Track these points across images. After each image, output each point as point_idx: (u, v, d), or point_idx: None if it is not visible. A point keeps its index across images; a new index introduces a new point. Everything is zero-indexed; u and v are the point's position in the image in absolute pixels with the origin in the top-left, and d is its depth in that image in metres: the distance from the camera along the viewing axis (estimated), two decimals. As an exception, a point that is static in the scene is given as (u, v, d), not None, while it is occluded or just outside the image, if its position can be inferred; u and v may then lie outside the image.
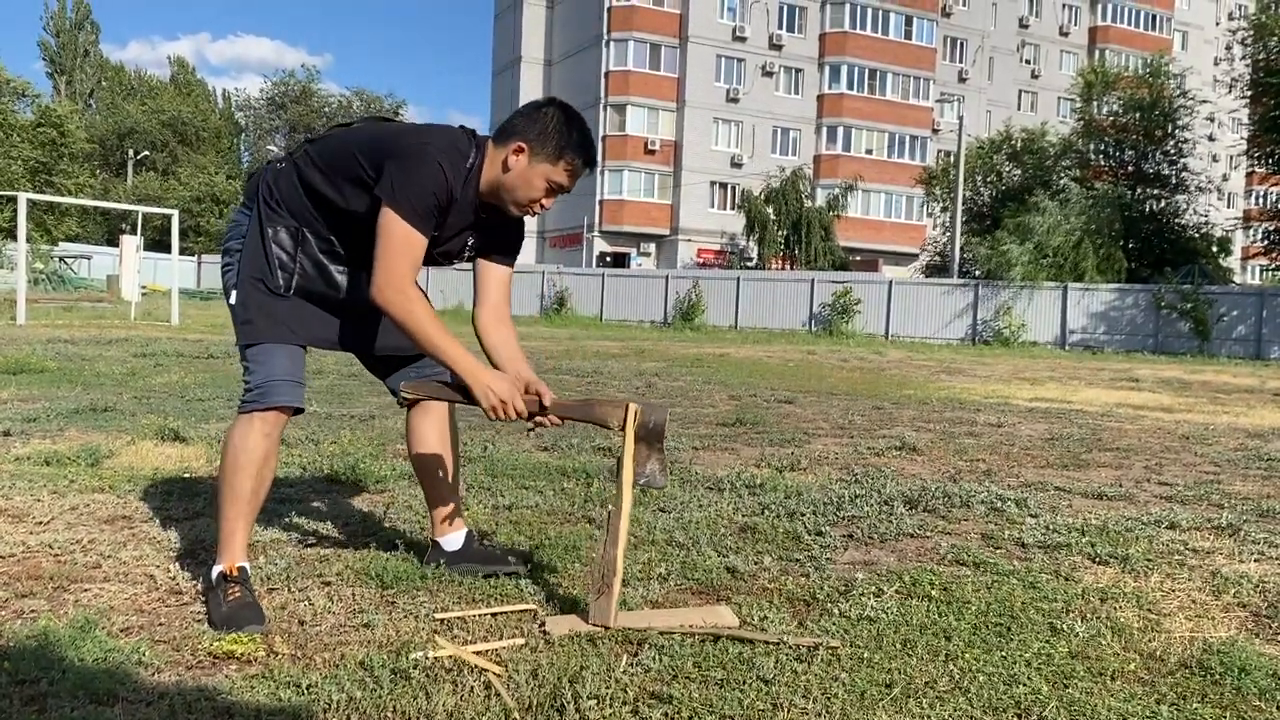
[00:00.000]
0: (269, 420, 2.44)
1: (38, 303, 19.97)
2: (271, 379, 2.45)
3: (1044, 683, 2.11)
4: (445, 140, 2.44)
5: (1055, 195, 29.30)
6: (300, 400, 2.50)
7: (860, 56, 47.06)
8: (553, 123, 2.43)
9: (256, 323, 2.48)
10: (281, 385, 2.45)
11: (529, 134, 2.43)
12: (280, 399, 2.44)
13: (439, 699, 1.89)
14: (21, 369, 7.71)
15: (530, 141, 2.42)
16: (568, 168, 2.44)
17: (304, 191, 2.51)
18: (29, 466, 3.97)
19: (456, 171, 2.42)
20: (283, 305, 2.49)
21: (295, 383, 2.48)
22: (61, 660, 1.99)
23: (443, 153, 2.41)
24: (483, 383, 2.40)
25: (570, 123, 2.44)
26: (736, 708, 1.91)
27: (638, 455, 2.45)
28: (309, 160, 2.51)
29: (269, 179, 2.56)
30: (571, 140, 2.43)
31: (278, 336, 2.48)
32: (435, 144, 2.41)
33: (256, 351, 2.47)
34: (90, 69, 63.35)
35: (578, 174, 2.47)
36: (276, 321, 2.48)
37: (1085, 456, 5.61)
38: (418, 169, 2.37)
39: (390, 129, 2.52)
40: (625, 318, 31.75)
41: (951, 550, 3.23)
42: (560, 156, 2.43)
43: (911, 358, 17.56)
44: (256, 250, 2.52)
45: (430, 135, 2.45)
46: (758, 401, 8.07)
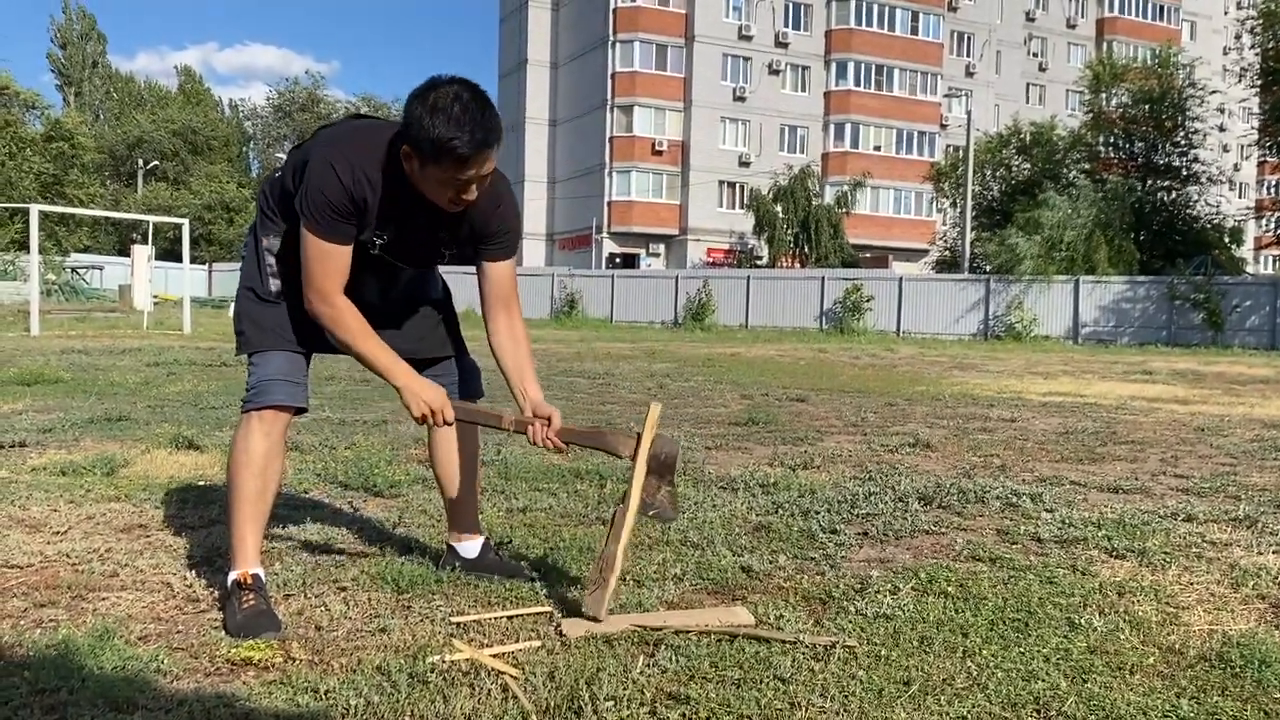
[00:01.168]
0: (267, 420, 2.45)
1: (51, 314, 20.09)
2: (266, 379, 2.47)
3: (1062, 678, 2.10)
4: (356, 140, 2.36)
5: (1065, 189, 29.20)
6: (298, 399, 2.50)
7: (867, 53, 46.96)
8: (416, 120, 2.19)
9: (247, 333, 2.52)
10: (276, 385, 2.46)
11: (409, 134, 2.22)
12: (274, 398, 2.45)
13: (456, 702, 1.89)
14: (36, 380, 7.75)
15: (410, 143, 2.23)
16: (454, 162, 2.20)
17: (285, 198, 2.50)
18: (45, 477, 3.99)
19: (359, 174, 2.30)
20: (271, 313, 2.50)
21: (291, 382, 2.48)
22: (81, 669, 1.99)
23: (343, 156, 2.31)
24: (412, 390, 2.37)
25: (437, 113, 2.16)
26: (754, 707, 1.90)
27: (648, 486, 2.42)
28: (290, 167, 2.51)
29: (266, 188, 2.58)
30: (438, 133, 2.16)
31: (268, 344, 2.49)
32: (338, 147, 2.33)
33: (255, 358, 2.51)
34: (99, 80, 63.68)
35: (471, 161, 2.21)
36: (265, 329, 2.50)
37: (1100, 450, 5.59)
38: (316, 176, 2.31)
39: (335, 131, 2.47)
40: (635, 319, 31.78)
41: (967, 546, 3.22)
42: (437, 157, 2.20)
43: (923, 354, 17.52)
44: (251, 258, 2.56)
45: (343, 136, 2.39)
46: (770, 400, 8.06)
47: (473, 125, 2.17)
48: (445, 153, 2.18)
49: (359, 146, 2.33)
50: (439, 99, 2.17)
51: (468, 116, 2.17)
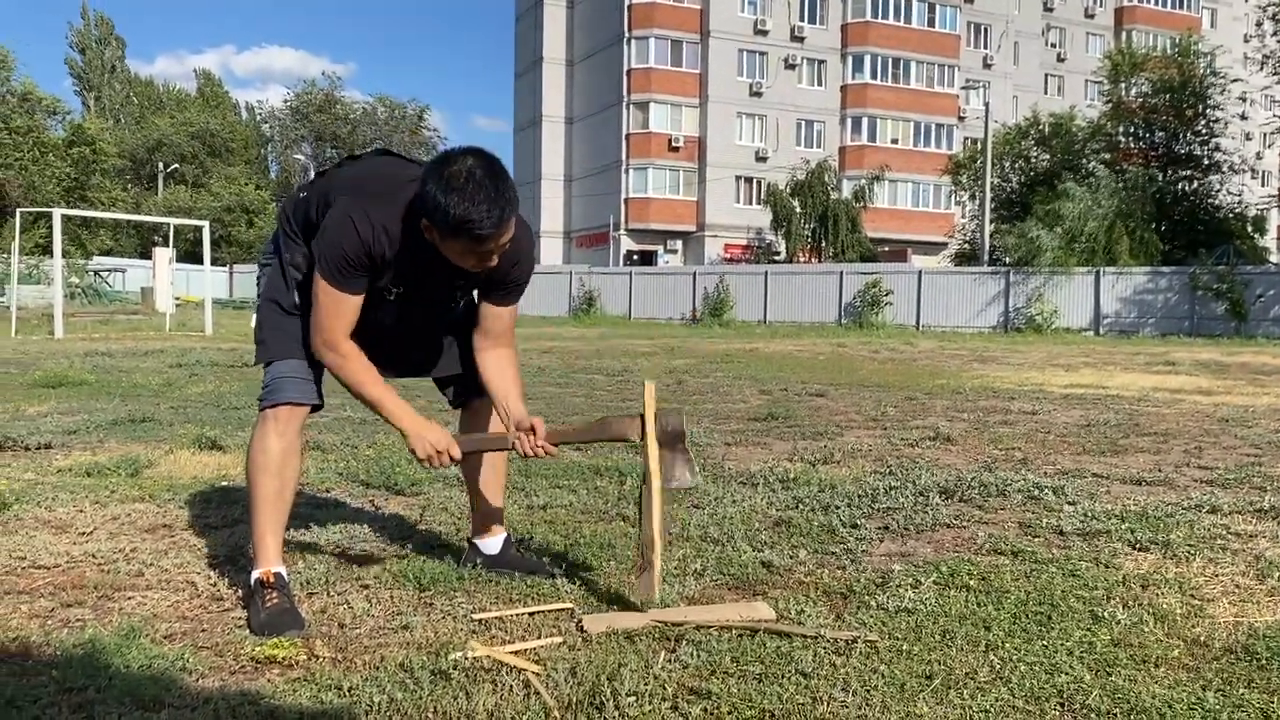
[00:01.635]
0: (281, 418, 2.48)
1: (74, 316, 20.28)
2: (279, 377, 2.50)
3: (1086, 671, 2.09)
4: (379, 192, 2.36)
5: (1085, 179, 28.98)
6: (310, 396, 2.52)
7: (883, 46, 46.76)
8: (432, 198, 2.20)
9: (268, 342, 2.56)
10: (289, 382, 2.49)
11: (424, 208, 2.24)
12: (287, 395, 2.48)
13: (479, 699, 1.90)
14: (61, 382, 7.83)
15: (427, 216, 2.25)
16: (470, 239, 2.24)
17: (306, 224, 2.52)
18: (71, 478, 4.03)
19: (378, 230, 2.32)
20: (292, 324, 2.53)
21: (302, 379, 2.51)
22: (108, 667, 2.02)
23: (363, 210, 2.32)
24: (417, 434, 2.40)
25: (451, 192, 2.18)
26: (776, 702, 1.90)
27: (662, 459, 2.44)
28: (316, 195, 2.52)
29: (289, 208, 2.60)
30: (454, 213, 2.18)
31: (287, 353, 2.51)
32: (361, 200, 2.34)
33: (269, 361, 2.55)
34: (118, 84, 64.15)
35: (485, 237, 2.24)
36: (285, 338, 2.52)
37: (1122, 442, 5.55)
38: (335, 228, 2.33)
39: (360, 176, 2.47)
40: (654, 315, 31.78)
41: (989, 540, 3.21)
42: (458, 233, 2.23)
43: (943, 347, 17.45)
44: (275, 271, 2.60)
45: (367, 186, 2.39)
46: (789, 395, 8.05)
47: (488, 203, 2.19)
48: (463, 232, 2.22)
49: (382, 200, 2.35)
50: (453, 177, 2.19)
51: (482, 194, 2.19)
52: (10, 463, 4.35)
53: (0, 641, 2.18)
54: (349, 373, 2.41)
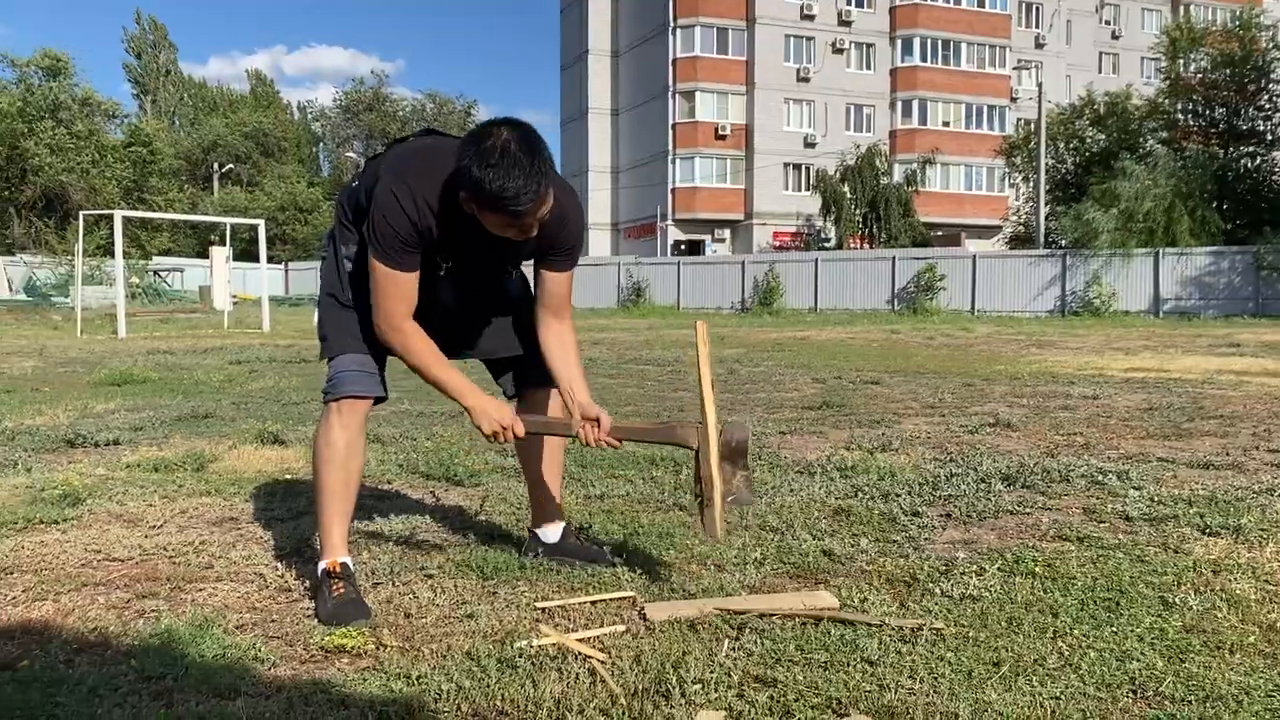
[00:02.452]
0: (344, 411, 2.51)
1: (136, 316, 20.72)
2: (341, 371, 2.52)
3: (1158, 658, 2.05)
4: (421, 167, 2.36)
5: (1142, 159, 28.35)
6: (373, 389, 2.54)
7: (933, 27, 46.12)
8: (468, 171, 2.20)
9: (331, 338, 2.58)
10: (352, 375, 2.51)
11: (463, 180, 2.23)
12: (351, 389, 2.50)
13: (545, 686, 1.91)
14: (126, 380, 8.01)
15: (466, 189, 2.25)
16: (504, 211, 2.23)
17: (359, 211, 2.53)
18: (139, 473, 4.12)
19: (421, 204, 2.33)
20: (351, 318, 2.55)
21: (365, 373, 2.53)
22: (184, 657, 2.06)
23: (407, 185, 2.32)
24: (482, 409, 2.43)
25: (488, 166, 2.17)
26: (842, 690, 1.90)
27: (723, 473, 2.41)
28: (365, 181, 2.53)
29: (343, 198, 2.62)
30: (490, 187, 2.17)
31: (350, 348, 2.54)
32: (404, 177, 2.35)
33: (333, 354, 2.57)
34: (173, 87, 65.32)
35: (521, 210, 2.22)
36: (346, 334, 2.55)
37: (1187, 426, 5.44)
38: (381, 205, 2.34)
39: (404, 154, 2.48)
40: (703, 305, 31.72)
41: (1053, 526, 3.17)
42: (496, 206, 2.22)
43: (999, 332, 17.20)
44: (331, 265, 2.62)
45: (410, 163, 2.40)
46: (843, 384, 7.99)
47: (523, 177, 2.18)
48: (499, 206, 2.21)
49: (424, 175, 2.35)
50: (488, 153, 2.18)
51: (517, 169, 2.17)
52: (82, 459, 4.47)
53: (81, 632, 2.25)
54: (413, 352, 2.42)
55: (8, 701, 1.85)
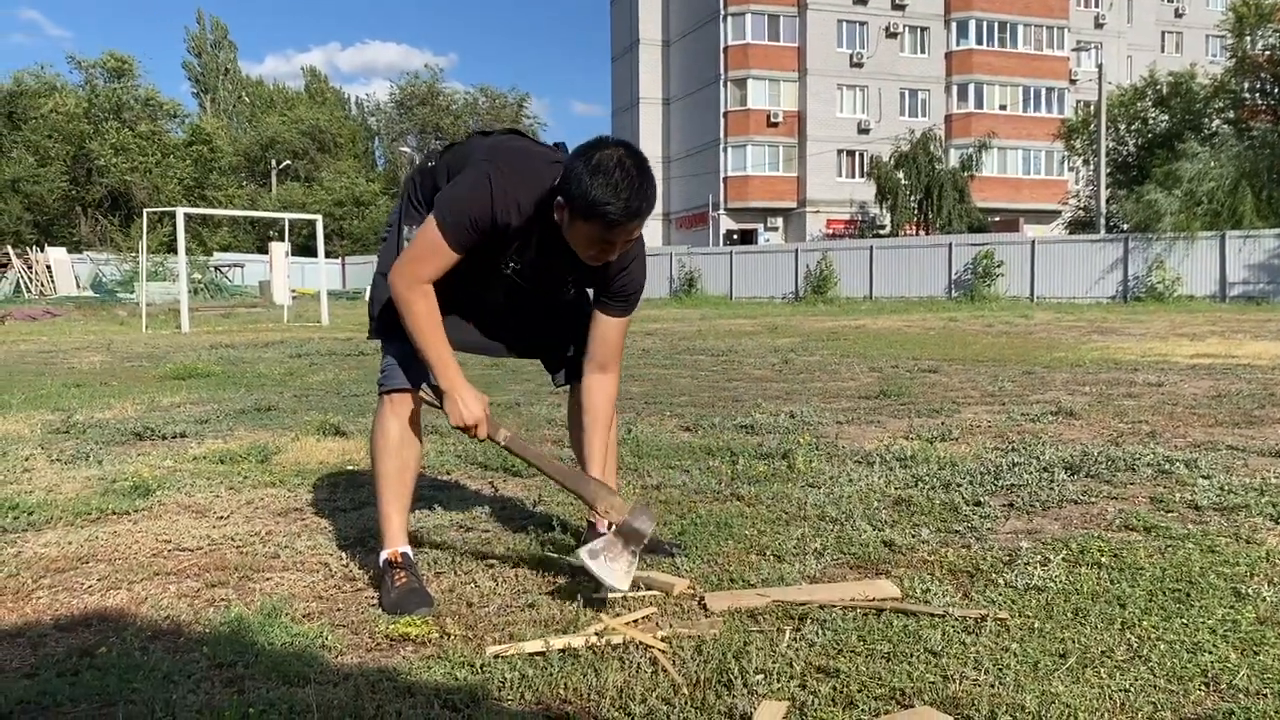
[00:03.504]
0: (397, 402, 2.53)
1: (198, 311, 21.15)
2: (395, 360, 2.54)
3: (1231, 650, 2.01)
4: (523, 167, 2.37)
5: (1207, 140, 27.62)
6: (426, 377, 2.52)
7: (988, 9, 45.33)
8: (576, 177, 2.21)
9: (380, 317, 2.57)
10: (403, 368, 2.53)
11: (565, 187, 2.25)
12: (403, 379, 2.52)
13: (608, 676, 1.92)
14: (190, 374, 8.19)
15: (564, 195, 2.25)
16: (603, 224, 2.23)
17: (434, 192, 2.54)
18: (206, 465, 4.21)
19: (511, 200, 2.33)
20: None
21: (418, 361, 2.50)
22: (253, 645, 2.11)
23: (505, 178, 2.33)
24: (457, 394, 2.38)
25: (596, 174, 2.19)
26: (905, 680, 1.88)
27: (610, 548, 2.34)
28: (445, 166, 2.55)
29: (416, 178, 2.64)
30: (594, 195, 2.19)
31: (403, 335, 2.50)
32: (505, 169, 2.34)
33: (385, 342, 2.58)
34: (231, 85, 66.47)
35: (616, 225, 2.23)
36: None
37: (1258, 413, 5.30)
38: (470, 183, 2.34)
39: (501, 147, 2.48)
40: (755, 294, 31.58)
41: (1119, 515, 3.11)
42: (590, 214, 2.22)
43: (1060, 319, 16.91)
44: (391, 244, 2.62)
45: (512, 157, 2.40)
46: (900, 372, 7.91)
47: (630, 192, 2.20)
48: (597, 214, 2.21)
49: (524, 175, 2.35)
50: (602, 161, 2.20)
51: (626, 183, 2.19)
52: (150, 451, 4.58)
53: (154, 619, 2.30)
54: (416, 315, 2.37)
55: (87, 687, 1.90)
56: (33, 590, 2.54)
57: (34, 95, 41.74)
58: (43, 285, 30.75)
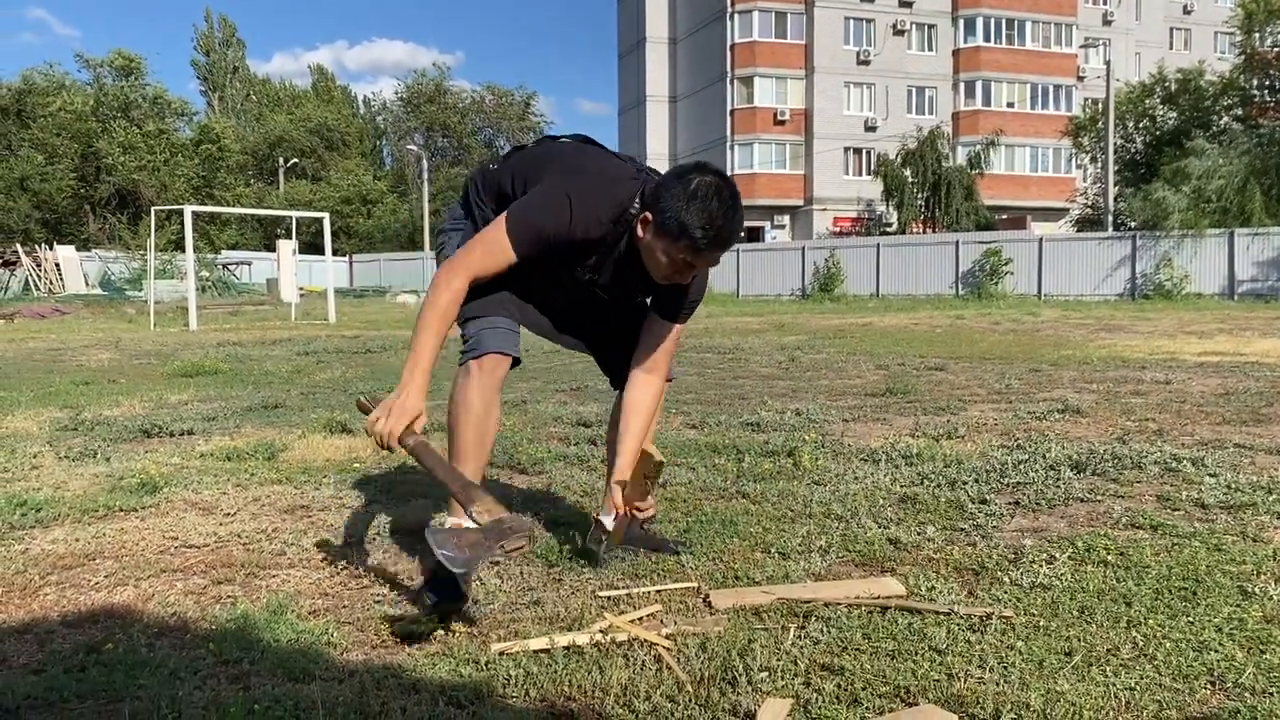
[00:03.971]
0: (485, 368, 2.47)
1: (206, 309, 21.18)
2: (482, 330, 2.50)
3: (1238, 649, 2.00)
4: (603, 184, 2.39)
5: (1215, 137, 27.51)
6: (513, 348, 2.51)
7: (996, 6, 45.19)
8: (671, 196, 2.25)
9: (470, 303, 2.50)
10: (492, 334, 2.50)
11: (656, 204, 2.28)
12: (491, 345, 2.48)
13: (612, 673, 1.92)
14: (198, 371, 8.21)
15: (654, 212, 2.29)
16: (688, 248, 2.27)
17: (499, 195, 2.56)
18: (213, 462, 4.22)
19: (593, 218, 2.35)
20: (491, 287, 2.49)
21: (507, 330, 2.51)
22: (259, 641, 2.11)
23: (586, 198, 2.34)
24: (401, 399, 2.24)
25: (693, 198, 2.23)
26: (910, 678, 1.88)
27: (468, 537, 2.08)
28: (509, 171, 2.55)
29: (478, 179, 2.65)
30: (687, 218, 2.23)
31: (494, 310, 2.52)
32: (586, 189, 2.36)
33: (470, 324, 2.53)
34: (239, 84, 66.56)
35: (703, 252, 2.28)
36: (494, 300, 2.52)
37: (1265, 411, 5.28)
38: (548, 201, 2.34)
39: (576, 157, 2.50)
40: (762, 292, 31.55)
41: (1126, 514, 3.10)
42: (679, 236, 2.26)
43: (1067, 317, 16.87)
44: (451, 242, 2.62)
45: (590, 174, 2.41)
46: (906, 370, 7.90)
47: (724, 221, 2.24)
48: (687, 236, 2.24)
49: (605, 194, 2.37)
50: (700, 187, 2.24)
51: (721, 211, 2.24)
52: (158, 448, 4.59)
53: (161, 616, 2.31)
54: (433, 303, 2.32)
55: (93, 683, 1.91)
56: (40, 586, 2.55)
57: (42, 94, 41.85)
58: (51, 283, 30.85)
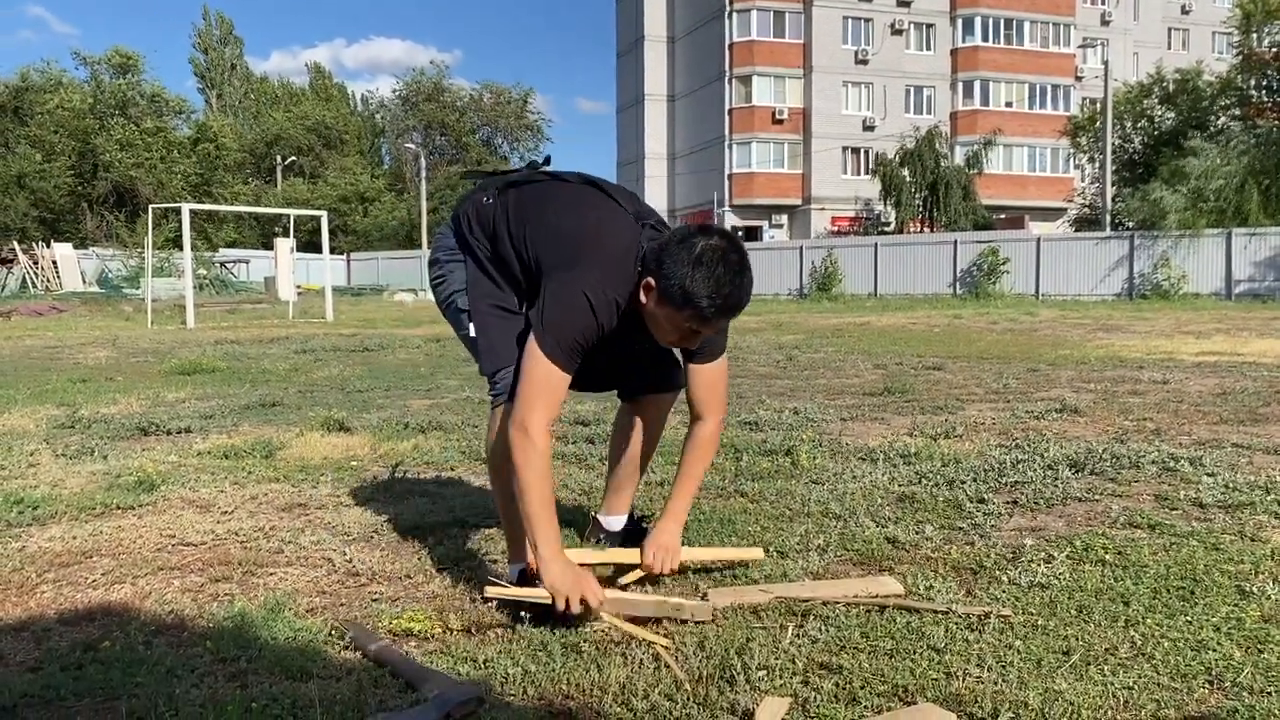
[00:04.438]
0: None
1: (204, 307, 21.17)
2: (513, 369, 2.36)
3: (1236, 648, 2.00)
4: (609, 266, 2.24)
5: (1213, 137, 27.52)
6: None
7: (995, 6, 45.19)
8: (675, 263, 2.13)
9: (496, 348, 2.43)
10: None
11: (659, 270, 2.16)
12: None
13: (610, 671, 1.92)
14: (195, 369, 8.20)
15: (657, 279, 2.17)
16: (695, 315, 2.15)
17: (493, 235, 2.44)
18: (210, 460, 4.22)
19: (611, 302, 2.23)
20: (519, 324, 2.43)
21: None
22: (257, 639, 2.11)
23: (600, 288, 2.21)
24: (551, 576, 2.14)
25: (699, 264, 2.10)
26: (909, 677, 1.88)
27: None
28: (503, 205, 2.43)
29: (470, 212, 2.49)
30: (692, 286, 2.11)
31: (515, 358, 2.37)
32: (593, 279, 2.21)
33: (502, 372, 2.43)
34: (237, 82, 66.48)
35: (710, 320, 2.17)
36: (514, 345, 2.40)
37: (1263, 411, 5.29)
38: (568, 306, 2.21)
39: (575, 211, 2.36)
40: (760, 291, 31.50)
41: (1124, 513, 3.10)
42: (684, 305, 2.14)
43: (1065, 316, 16.88)
44: (480, 276, 2.47)
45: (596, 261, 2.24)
46: (904, 370, 7.90)
47: (730, 290, 2.13)
48: (692, 305, 2.13)
49: (615, 272, 2.24)
50: (706, 253, 2.12)
51: (727, 279, 2.12)
52: (155, 446, 4.58)
53: (158, 614, 2.31)
54: (528, 466, 2.18)
55: (91, 681, 1.90)
56: (37, 584, 2.54)
57: (39, 91, 41.80)
58: (49, 281, 30.81)
